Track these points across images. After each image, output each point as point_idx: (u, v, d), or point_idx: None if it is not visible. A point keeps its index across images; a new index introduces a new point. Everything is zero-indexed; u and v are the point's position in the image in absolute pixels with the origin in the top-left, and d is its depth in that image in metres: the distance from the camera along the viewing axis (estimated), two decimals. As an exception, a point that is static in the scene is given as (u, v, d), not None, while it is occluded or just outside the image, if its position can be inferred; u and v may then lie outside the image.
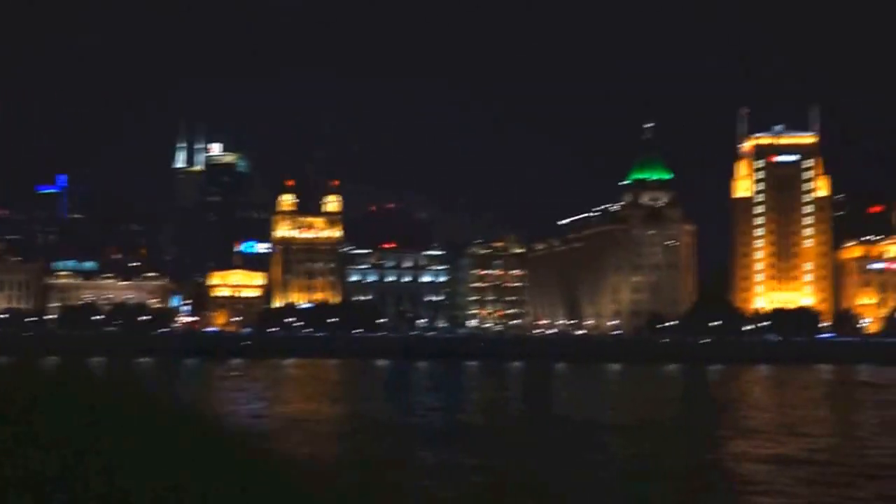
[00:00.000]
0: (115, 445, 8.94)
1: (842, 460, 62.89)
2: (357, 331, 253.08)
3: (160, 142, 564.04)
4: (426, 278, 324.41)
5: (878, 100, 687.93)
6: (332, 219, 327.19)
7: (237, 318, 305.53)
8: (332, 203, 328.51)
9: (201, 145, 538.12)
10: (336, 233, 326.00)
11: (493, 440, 75.93)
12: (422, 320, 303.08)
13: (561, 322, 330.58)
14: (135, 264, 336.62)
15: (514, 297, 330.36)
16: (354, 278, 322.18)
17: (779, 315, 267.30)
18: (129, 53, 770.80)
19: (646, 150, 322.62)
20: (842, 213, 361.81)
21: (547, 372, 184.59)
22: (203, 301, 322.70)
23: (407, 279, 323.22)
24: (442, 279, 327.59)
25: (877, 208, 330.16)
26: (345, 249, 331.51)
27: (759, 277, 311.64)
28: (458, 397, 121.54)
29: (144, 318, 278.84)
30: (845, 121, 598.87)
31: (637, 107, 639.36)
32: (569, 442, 75.11)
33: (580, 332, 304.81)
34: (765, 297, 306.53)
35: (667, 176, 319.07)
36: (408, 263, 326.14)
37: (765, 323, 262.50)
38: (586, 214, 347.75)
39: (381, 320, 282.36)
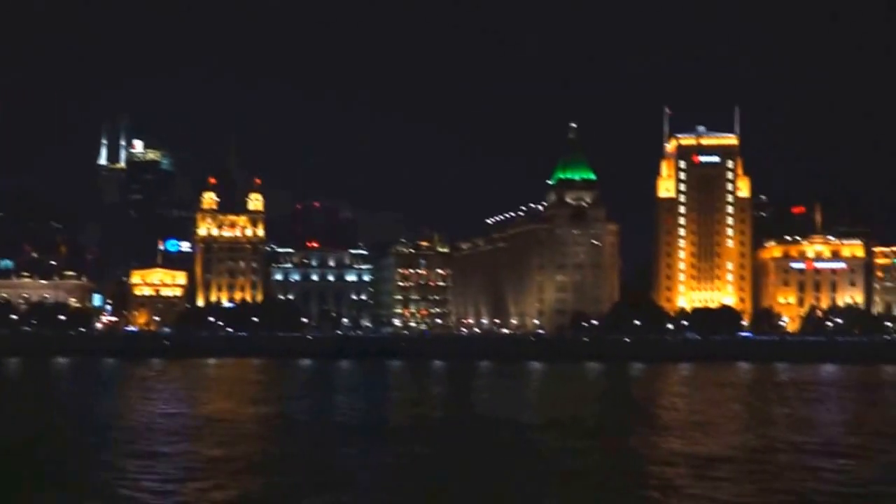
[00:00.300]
0: None
1: (750, 457, 63.33)
2: (280, 330, 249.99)
3: (86, 140, 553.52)
4: (350, 277, 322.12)
5: (798, 101, 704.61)
6: (255, 217, 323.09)
7: (157, 318, 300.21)
8: (255, 202, 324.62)
9: (124, 143, 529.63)
10: (259, 231, 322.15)
11: (414, 439, 75.14)
12: (346, 320, 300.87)
13: (486, 321, 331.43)
14: (53, 263, 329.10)
15: (438, 297, 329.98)
16: (278, 277, 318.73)
17: (700, 314, 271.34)
18: (54, 50, 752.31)
19: (570, 149, 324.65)
20: (766, 213, 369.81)
21: (470, 371, 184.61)
22: (125, 300, 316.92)
23: (331, 278, 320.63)
24: (366, 278, 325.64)
25: (800, 209, 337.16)
26: (268, 248, 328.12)
27: (681, 277, 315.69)
28: (381, 397, 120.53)
29: (63, 317, 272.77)
30: (767, 122, 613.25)
31: (563, 106, 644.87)
32: (489, 440, 74.73)
33: (505, 331, 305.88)
34: (687, 296, 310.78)
35: (591, 176, 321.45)
36: (332, 262, 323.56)
37: (686, 322, 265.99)
38: (512, 214, 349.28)
39: (305, 320, 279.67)
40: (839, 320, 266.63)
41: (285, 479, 55.16)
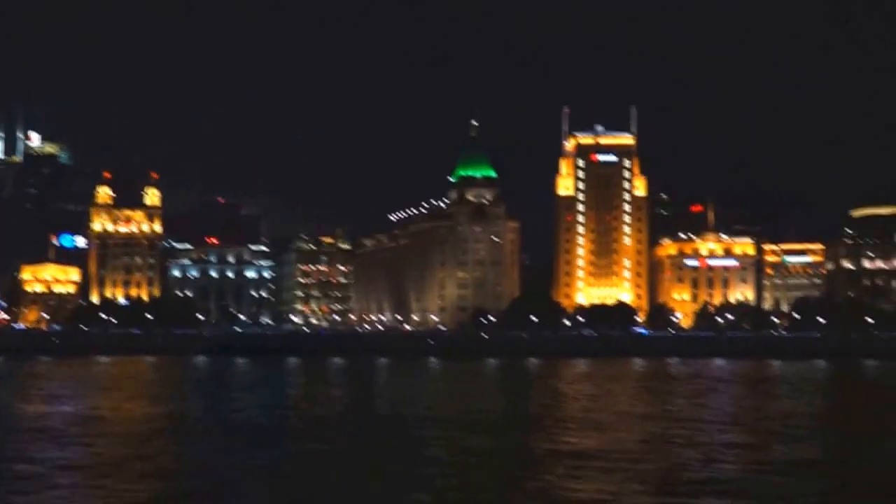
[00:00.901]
0: None
1: (626, 451, 64.49)
2: (175, 328, 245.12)
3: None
4: (250, 274, 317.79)
5: (694, 102, 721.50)
6: (151, 212, 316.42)
7: (48, 315, 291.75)
8: (152, 196, 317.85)
9: (21, 135, 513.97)
10: (156, 227, 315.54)
11: (309, 436, 74.70)
12: (244, 316, 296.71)
13: (389, 318, 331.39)
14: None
15: (340, 293, 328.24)
16: (176, 274, 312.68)
17: (596, 310, 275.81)
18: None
19: (471, 147, 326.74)
20: (667, 212, 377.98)
21: (369, 367, 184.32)
22: (17, 296, 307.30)
23: (230, 275, 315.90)
24: (267, 275, 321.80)
25: (698, 208, 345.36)
26: (166, 244, 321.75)
27: (580, 273, 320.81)
28: (275, 395, 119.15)
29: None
30: (668, 121, 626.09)
31: (465, 103, 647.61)
32: (385, 436, 74.71)
33: (407, 327, 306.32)
34: (585, 292, 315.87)
35: (491, 173, 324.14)
36: (231, 259, 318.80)
37: (583, 318, 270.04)
38: (414, 210, 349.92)
39: (201, 317, 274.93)
40: (730, 316, 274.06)
41: (165, 483, 53.43)
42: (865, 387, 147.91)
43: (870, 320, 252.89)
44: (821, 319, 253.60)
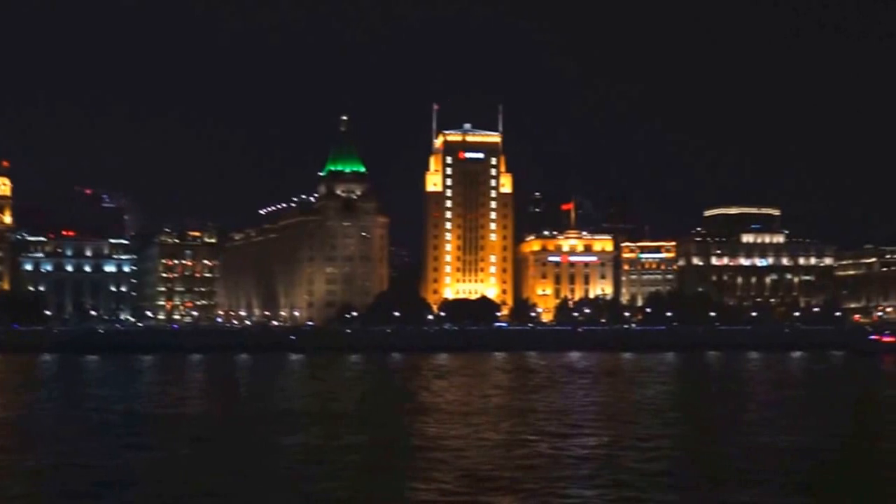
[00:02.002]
0: None
1: (463, 442, 66.78)
2: (23, 324, 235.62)
3: None
4: (109, 268, 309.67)
5: (563, 102, 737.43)
6: (0, 203, 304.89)
7: None
8: (2, 186, 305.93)
9: None
10: (6, 218, 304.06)
11: (163, 434, 74.42)
12: (104, 312, 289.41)
13: (257, 313, 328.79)
14: None
15: (205, 288, 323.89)
16: (28, 268, 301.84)
17: (459, 305, 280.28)
18: None
19: (341, 141, 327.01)
20: (539, 209, 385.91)
21: (229, 363, 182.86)
22: None
23: (88, 269, 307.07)
24: (127, 269, 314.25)
25: (568, 206, 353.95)
26: (18, 237, 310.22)
27: (447, 269, 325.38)
28: (126, 392, 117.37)
29: None
30: (540, 119, 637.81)
31: (335, 98, 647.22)
32: (242, 433, 74.99)
33: (275, 323, 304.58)
34: (453, 287, 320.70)
35: (361, 168, 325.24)
36: (89, 252, 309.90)
37: (446, 313, 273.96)
38: (284, 205, 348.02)
39: (48, 312, 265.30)
40: (588, 310, 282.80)
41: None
42: (695, 376, 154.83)
43: (713, 314, 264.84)
44: (669, 313, 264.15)
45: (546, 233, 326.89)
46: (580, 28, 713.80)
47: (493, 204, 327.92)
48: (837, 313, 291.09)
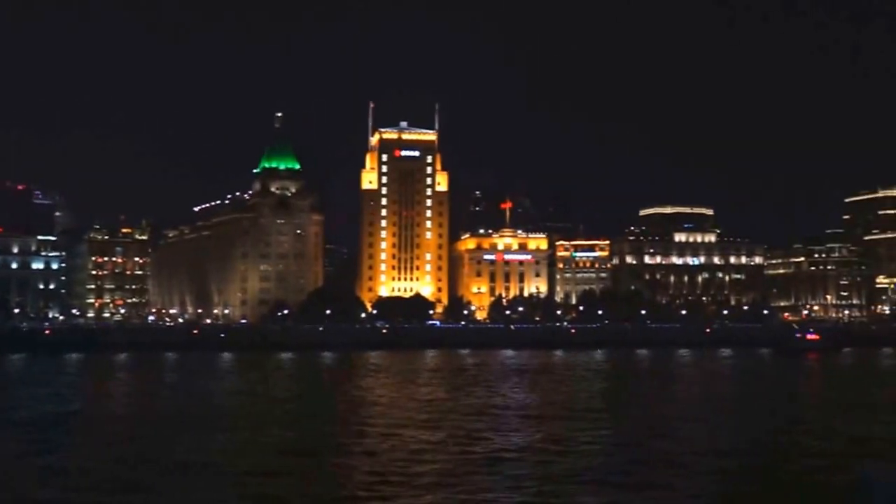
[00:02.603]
0: None
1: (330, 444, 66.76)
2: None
3: None
4: (37, 265, 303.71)
5: (502, 102, 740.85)
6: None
7: None
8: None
9: None
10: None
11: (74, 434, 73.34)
12: (31, 310, 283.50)
13: (190, 311, 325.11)
14: None
15: (136, 286, 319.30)
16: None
17: (393, 303, 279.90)
18: None
19: (276, 139, 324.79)
20: (480, 208, 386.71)
21: (156, 362, 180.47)
22: None
23: (14, 266, 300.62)
24: (55, 266, 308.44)
25: (507, 205, 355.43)
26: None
27: (382, 267, 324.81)
28: (45, 391, 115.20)
29: None
30: (465, 120, 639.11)
31: (271, 95, 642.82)
32: (145, 434, 74.05)
33: (208, 321, 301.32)
34: (388, 285, 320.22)
35: (295, 165, 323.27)
36: (15, 249, 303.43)
37: (380, 310, 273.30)
38: (219, 202, 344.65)
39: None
40: (521, 308, 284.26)
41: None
42: (616, 374, 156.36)
43: (643, 312, 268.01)
44: (601, 311, 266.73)
45: (481, 231, 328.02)
46: (519, 28, 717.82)
47: (429, 202, 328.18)
48: (765, 311, 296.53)
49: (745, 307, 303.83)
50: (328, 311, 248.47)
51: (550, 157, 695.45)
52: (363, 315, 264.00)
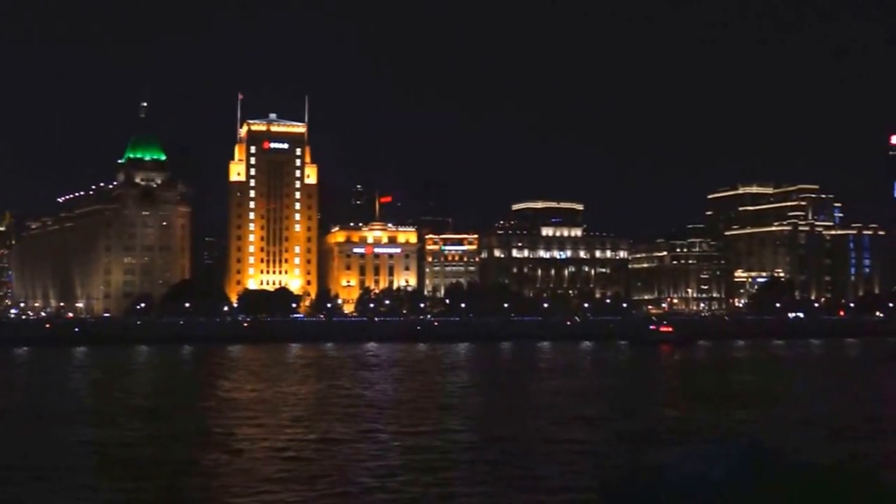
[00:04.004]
0: None
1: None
2: None
3: None
4: None
5: (377, 96, 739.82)
6: None
7: None
8: None
9: None
10: None
11: None
12: None
13: (53, 304, 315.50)
14: None
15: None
16: None
17: (258, 296, 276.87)
18: None
19: (141, 129, 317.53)
20: (361, 202, 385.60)
21: (4, 358, 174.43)
22: None
23: None
24: None
25: (387, 198, 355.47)
26: None
27: (251, 260, 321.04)
28: None
29: None
30: (338, 114, 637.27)
31: (137, 84, 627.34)
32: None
33: (70, 315, 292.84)
34: (256, 278, 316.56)
35: (161, 156, 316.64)
36: None
37: (244, 303, 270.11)
38: (82, 193, 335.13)
39: None
40: (388, 301, 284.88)
41: None
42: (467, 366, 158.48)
43: (506, 305, 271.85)
44: (465, 305, 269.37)
45: (351, 224, 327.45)
46: (389, 24, 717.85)
47: (298, 195, 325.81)
48: (624, 304, 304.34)
49: (608, 300, 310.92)
50: (187, 305, 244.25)
51: (426, 153, 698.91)
52: (225, 308, 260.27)
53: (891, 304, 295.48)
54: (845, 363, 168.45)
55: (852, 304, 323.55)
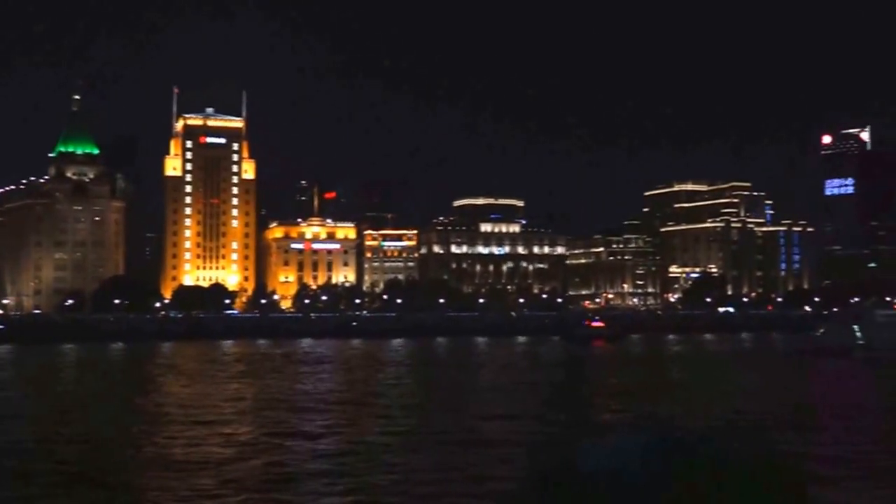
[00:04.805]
0: None
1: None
2: None
3: None
4: None
5: (317, 91, 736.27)
6: None
7: None
8: None
9: None
10: None
11: None
12: None
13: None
14: None
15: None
16: None
17: (192, 292, 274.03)
18: None
19: (73, 122, 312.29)
20: (305, 197, 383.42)
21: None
22: None
23: None
24: None
25: (332, 194, 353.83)
26: None
27: (187, 255, 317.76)
28: None
29: None
30: (277, 110, 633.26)
31: (69, 78, 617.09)
32: None
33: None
34: (192, 274, 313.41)
35: (94, 150, 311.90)
36: None
37: (177, 299, 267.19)
38: (12, 187, 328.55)
39: None
40: (326, 297, 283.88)
41: None
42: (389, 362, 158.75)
43: (442, 301, 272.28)
44: (402, 300, 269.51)
45: (290, 220, 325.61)
46: (331, 16, 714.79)
47: (235, 190, 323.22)
48: (560, 300, 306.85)
49: (545, 296, 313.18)
50: (116, 301, 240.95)
51: (371, 147, 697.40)
52: (157, 304, 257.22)
53: (817, 299, 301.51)
54: (753, 356, 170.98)
55: (780, 299, 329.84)
